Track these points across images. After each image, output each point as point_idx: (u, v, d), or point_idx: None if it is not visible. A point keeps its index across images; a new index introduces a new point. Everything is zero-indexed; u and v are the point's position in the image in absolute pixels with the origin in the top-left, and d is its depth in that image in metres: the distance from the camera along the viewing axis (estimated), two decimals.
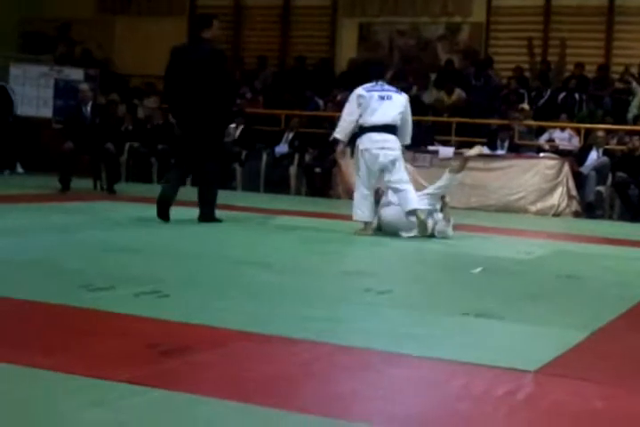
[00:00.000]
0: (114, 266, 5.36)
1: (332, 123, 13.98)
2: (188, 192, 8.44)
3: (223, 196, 8.07)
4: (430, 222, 7.70)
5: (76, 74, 15.35)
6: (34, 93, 15.16)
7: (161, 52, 16.75)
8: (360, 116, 7.82)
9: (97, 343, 3.40)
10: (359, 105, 7.84)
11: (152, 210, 7.64)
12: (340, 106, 14.78)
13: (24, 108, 14.74)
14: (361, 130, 7.87)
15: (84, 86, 11.89)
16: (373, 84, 8.11)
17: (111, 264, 5.44)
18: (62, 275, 4.95)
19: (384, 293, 4.85)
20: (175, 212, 7.74)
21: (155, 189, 12.23)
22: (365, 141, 7.81)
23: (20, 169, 14.46)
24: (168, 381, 2.92)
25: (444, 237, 7.70)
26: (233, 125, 8.28)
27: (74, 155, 11.08)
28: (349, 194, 12.60)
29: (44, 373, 2.93)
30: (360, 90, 7.99)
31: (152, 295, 4.38)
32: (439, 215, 7.86)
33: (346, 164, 12.75)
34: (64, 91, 14.93)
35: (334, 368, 3.29)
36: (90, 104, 11.38)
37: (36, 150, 14.41)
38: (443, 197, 7.97)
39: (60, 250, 5.91)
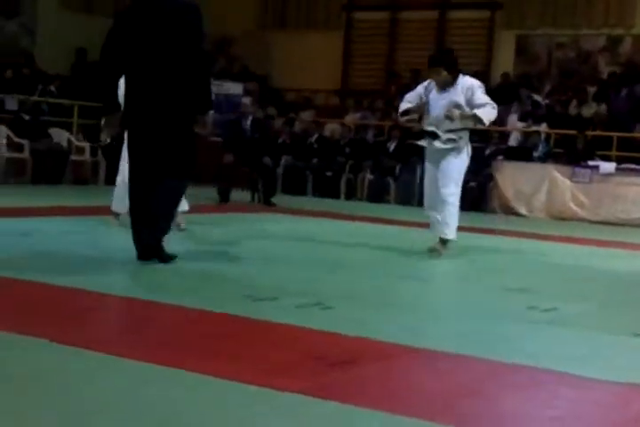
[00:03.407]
0: (276, 277, 5.43)
1: (487, 136, 13.87)
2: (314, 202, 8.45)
3: (376, 209, 7.78)
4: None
5: (235, 88, 15.71)
6: None
7: (317, 67, 17.14)
8: None
9: (265, 353, 3.44)
10: None
11: (309, 222, 7.71)
12: (495, 119, 14.65)
13: None
14: None
15: (246, 100, 12.14)
16: None
17: (273, 275, 5.52)
18: (227, 285, 5.05)
19: (549, 310, 4.74)
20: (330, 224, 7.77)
21: (310, 202, 12.44)
22: None
23: None
24: (337, 393, 2.93)
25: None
26: (212, 112, 5.98)
27: (233, 168, 11.33)
28: (506, 209, 12.49)
29: (214, 380, 2.99)
30: None
31: (315, 307, 4.41)
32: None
33: (502, 178, 12.65)
34: (223, 105, 15.31)
35: (500, 386, 3.23)
36: (250, 118, 11.62)
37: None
38: None
39: (223, 260, 6.03)
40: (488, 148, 13.47)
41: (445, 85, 6.75)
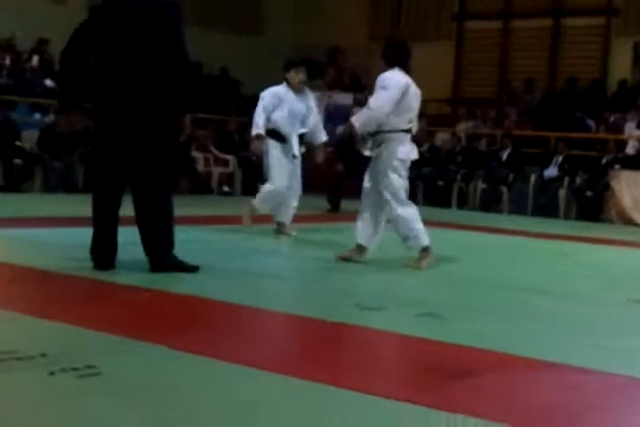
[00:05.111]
0: (385, 286, 5.38)
1: (604, 145, 13.53)
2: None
3: (488, 218, 7.41)
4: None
5: (345, 98, 15.72)
6: None
7: (428, 76, 16.84)
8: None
9: (379, 363, 3.38)
10: None
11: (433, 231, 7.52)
12: (612, 127, 14.31)
13: None
14: None
15: (357, 111, 12.05)
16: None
17: (382, 284, 5.46)
18: (337, 293, 5.01)
19: None
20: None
21: (421, 211, 12.28)
22: None
23: None
24: (455, 404, 2.84)
25: None
26: (189, 115, 5.46)
27: (345, 177, 11.31)
28: (623, 219, 12.14)
29: (334, 390, 2.94)
30: None
31: (428, 317, 4.32)
32: None
33: (619, 187, 12.29)
34: (334, 115, 15.32)
35: (628, 401, 3.08)
36: None
37: (306, 172, 14.85)
38: None
39: (332, 268, 5.99)
40: (605, 156, 13.12)
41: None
